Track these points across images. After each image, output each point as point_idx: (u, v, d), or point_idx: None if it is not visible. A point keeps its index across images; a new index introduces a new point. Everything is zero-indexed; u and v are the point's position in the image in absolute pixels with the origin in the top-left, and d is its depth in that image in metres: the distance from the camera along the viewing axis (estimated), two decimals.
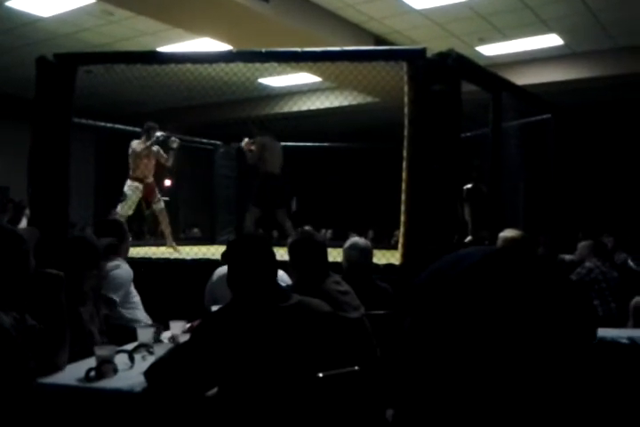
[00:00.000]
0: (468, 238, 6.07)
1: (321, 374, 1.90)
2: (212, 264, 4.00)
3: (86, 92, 4.77)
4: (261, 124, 6.66)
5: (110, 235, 3.22)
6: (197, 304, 3.37)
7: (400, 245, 4.20)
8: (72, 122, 4.59)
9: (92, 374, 2.09)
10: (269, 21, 6.87)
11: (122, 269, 3.27)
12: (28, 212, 5.70)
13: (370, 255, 3.35)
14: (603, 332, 3.06)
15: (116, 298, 3.15)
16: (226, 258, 2.14)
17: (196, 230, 10.79)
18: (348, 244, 3.35)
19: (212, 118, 11.36)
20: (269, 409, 1.87)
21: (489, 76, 4.82)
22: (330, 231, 11.22)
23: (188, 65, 5.00)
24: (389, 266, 4.18)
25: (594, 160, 9.99)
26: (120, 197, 6.22)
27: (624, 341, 2.89)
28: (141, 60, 4.85)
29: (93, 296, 2.70)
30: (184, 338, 2.42)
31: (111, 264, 3.24)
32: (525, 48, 8.60)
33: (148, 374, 1.94)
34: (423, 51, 4.19)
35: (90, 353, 2.41)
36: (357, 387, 2.09)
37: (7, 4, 7.11)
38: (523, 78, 8.31)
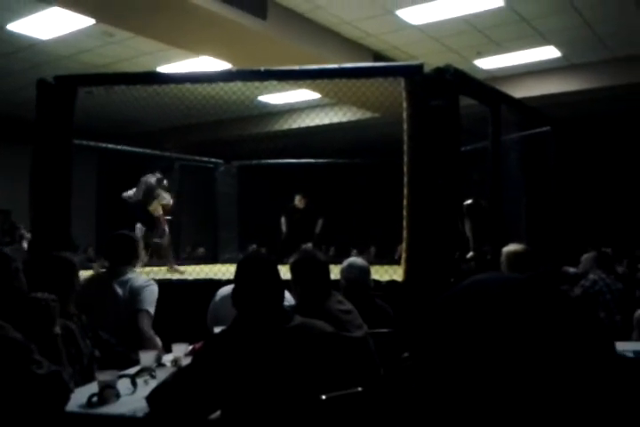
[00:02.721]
0: (470, 254, 6.04)
1: (324, 397, 1.88)
2: (214, 284, 3.98)
3: (87, 112, 4.81)
4: None
5: (125, 249, 3.38)
6: (200, 325, 3.35)
7: (402, 261, 4.18)
8: (73, 143, 4.61)
9: (95, 399, 2.07)
10: (267, 39, 6.92)
11: (155, 286, 3.31)
12: (28, 235, 5.70)
13: (368, 274, 3.34)
14: None
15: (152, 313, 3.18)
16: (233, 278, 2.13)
17: (202, 250, 10.73)
18: (345, 263, 3.35)
19: (212, 136, 11.40)
20: None
21: (487, 89, 4.84)
22: (332, 249, 11.19)
23: (188, 84, 5.03)
24: (392, 283, 4.16)
25: (593, 172, 10.00)
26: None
27: (629, 354, 2.87)
28: (141, 81, 4.88)
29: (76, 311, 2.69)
30: (186, 361, 2.41)
31: (145, 279, 3.31)
32: (523, 61, 8.63)
33: (150, 398, 1.92)
34: (420, 66, 4.21)
35: (88, 371, 2.39)
36: (361, 407, 2.07)
37: (8, 27, 7.19)
38: (522, 91, 8.35)
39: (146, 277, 3.36)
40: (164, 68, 8.46)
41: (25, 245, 6.01)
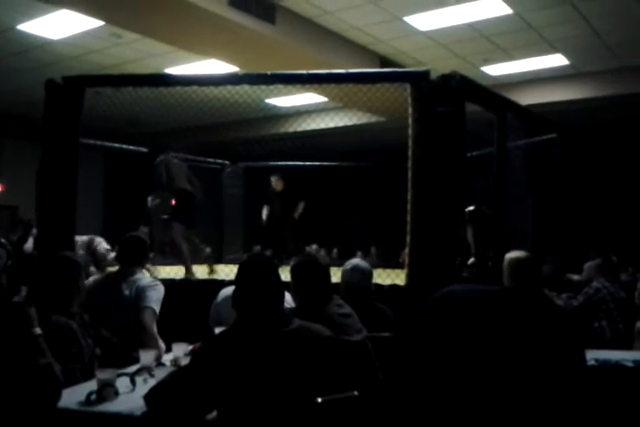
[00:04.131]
0: (471, 260, 6.03)
1: (319, 400, 1.89)
2: (217, 284, 4.00)
3: (96, 112, 4.83)
4: None
5: (136, 251, 3.39)
6: (202, 325, 3.37)
7: (406, 266, 4.19)
8: (80, 142, 4.64)
9: (93, 397, 2.09)
10: (276, 43, 6.96)
11: (161, 286, 3.31)
12: (35, 231, 5.73)
13: (370, 278, 3.34)
14: (608, 354, 3.03)
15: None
16: (234, 280, 2.15)
17: (208, 250, 10.74)
18: (348, 266, 3.33)
19: (219, 138, 11.42)
20: None
21: (493, 96, 4.84)
22: (335, 251, 11.17)
23: (195, 87, 5.05)
24: (394, 287, 4.16)
25: (600, 179, 9.99)
26: None
27: (629, 364, 2.86)
28: (148, 83, 4.90)
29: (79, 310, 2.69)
30: (186, 361, 2.42)
31: (151, 279, 3.33)
32: (530, 68, 8.64)
33: (147, 397, 1.94)
34: (427, 73, 4.22)
35: (89, 369, 2.41)
36: (359, 411, 2.08)
37: (18, 27, 7.24)
38: (528, 98, 8.35)
39: (152, 278, 3.37)
40: (171, 70, 8.50)
41: (30, 241, 6.06)
